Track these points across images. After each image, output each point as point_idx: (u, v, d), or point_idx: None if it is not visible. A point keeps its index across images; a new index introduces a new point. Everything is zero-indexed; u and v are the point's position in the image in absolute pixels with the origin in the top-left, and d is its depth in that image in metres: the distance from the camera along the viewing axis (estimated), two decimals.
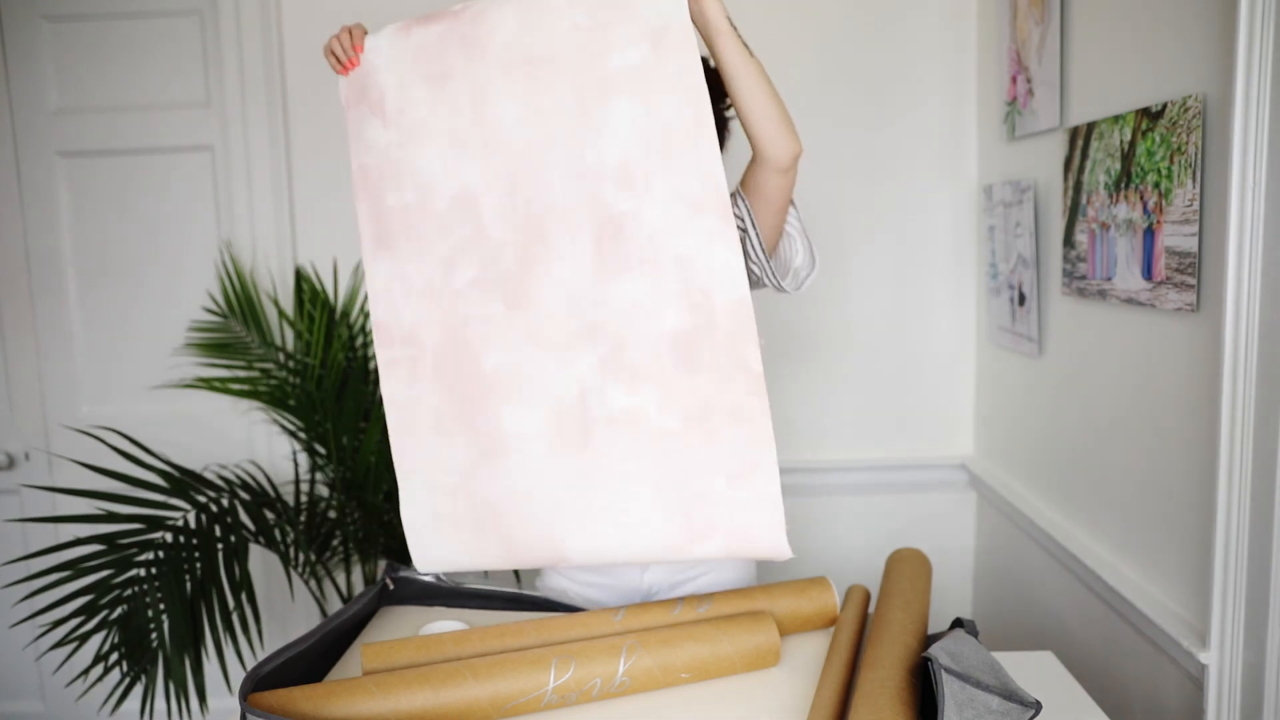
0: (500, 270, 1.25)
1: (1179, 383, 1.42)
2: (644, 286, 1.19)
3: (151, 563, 1.74)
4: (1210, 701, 1.33)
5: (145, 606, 1.69)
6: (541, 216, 1.22)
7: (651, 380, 1.20)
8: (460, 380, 1.29)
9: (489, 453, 1.28)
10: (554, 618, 1.28)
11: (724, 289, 1.17)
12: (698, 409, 1.19)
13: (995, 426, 2.22)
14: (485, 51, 1.23)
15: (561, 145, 1.21)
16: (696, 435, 1.20)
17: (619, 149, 1.18)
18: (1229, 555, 1.28)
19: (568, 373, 1.24)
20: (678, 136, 1.16)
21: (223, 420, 2.38)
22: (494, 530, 1.30)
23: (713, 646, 1.19)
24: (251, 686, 1.08)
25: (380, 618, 1.43)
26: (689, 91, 1.15)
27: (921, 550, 1.60)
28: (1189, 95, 1.34)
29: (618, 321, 1.21)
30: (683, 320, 1.19)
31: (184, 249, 2.36)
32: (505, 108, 1.23)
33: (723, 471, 1.20)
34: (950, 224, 2.27)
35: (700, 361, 1.19)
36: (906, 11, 2.20)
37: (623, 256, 1.19)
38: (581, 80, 1.19)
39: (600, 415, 1.23)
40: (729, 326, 1.18)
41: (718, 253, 1.16)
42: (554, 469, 1.26)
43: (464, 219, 1.26)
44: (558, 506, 1.26)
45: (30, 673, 2.51)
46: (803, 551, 2.36)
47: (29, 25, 2.30)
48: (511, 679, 1.11)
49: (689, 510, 1.22)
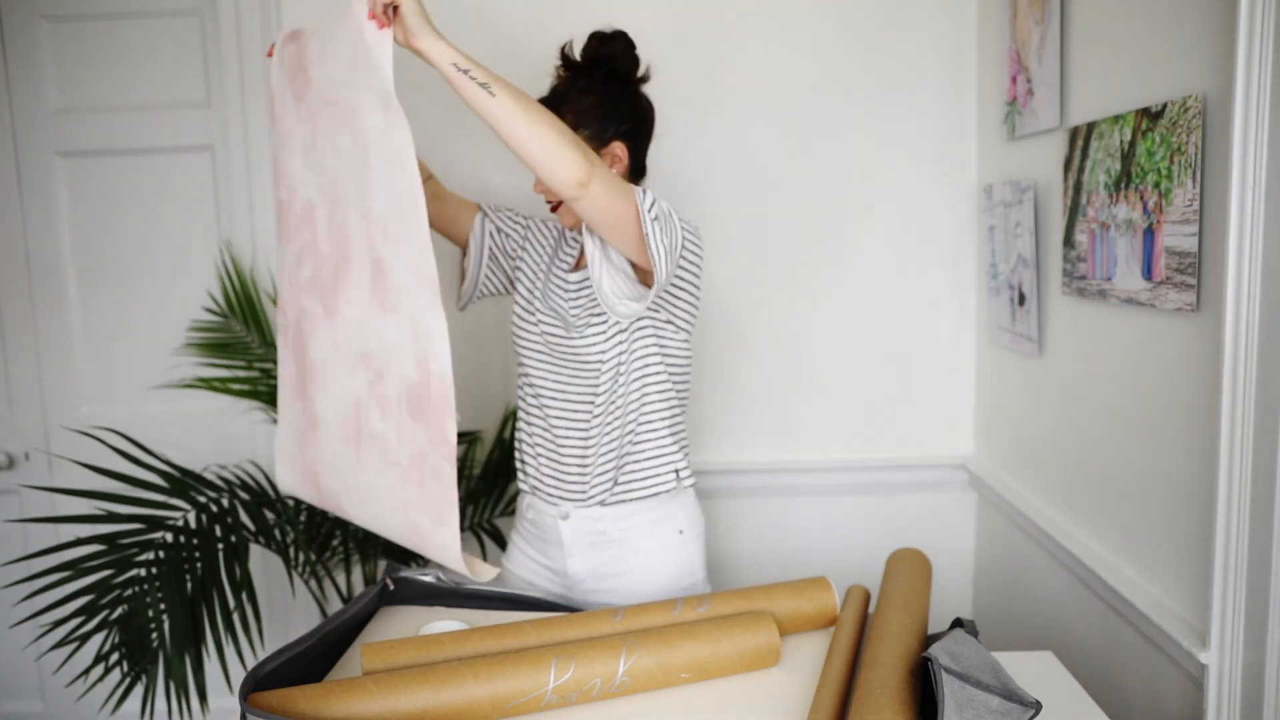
0: (322, 279, 1.40)
1: (1179, 383, 1.42)
2: (395, 332, 1.29)
3: (152, 562, 1.74)
4: (1210, 701, 1.33)
5: (146, 606, 1.69)
6: (347, 242, 1.33)
7: (393, 416, 1.32)
8: (299, 360, 1.48)
9: (312, 423, 1.48)
10: (554, 618, 1.29)
11: (435, 358, 1.25)
12: (418, 454, 1.29)
13: (995, 426, 2.22)
14: (310, 81, 1.32)
15: (353, 183, 1.29)
16: (414, 475, 1.30)
17: (380, 201, 1.26)
18: (1229, 555, 1.28)
19: (352, 383, 1.38)
20: (404, 206, 1.22)
21: (223, 420, 2.38)
22: (313, 482, 1.52)
23: (713, 646, 1.19)
24: (252, 686, 1.08)
25: (380, 618, 1.43)
26: (403, 169, 1.20)
27: (921, 550, 1.61)
28: (1189, 95, 1.34)
29: (381, 355, 1.32)
30: (412, 373, 1.28)
31: (184, 249, 2.36)
32: (327, 136, 1.31)
33: (427, 514, 1.30)
34: (950, 224, 2.27)
35: (422, 414, 1.28)
36: (906, 11, 2.20)
37: (386, 299, 1.29)
38: (355, 131, 1.26)
39: (365, 429, 1.37)
40: (437, 392, 1.25)
41: (433, 323, 1.23)
42: (341, 455, 1.43)
43: (307, 225, 1.40)
44: (342, 483, 1.45)
45: (30, 673, 2.51)
46: (803, 551, 2.36)
47: (29, 25, 2.30)
48: (511, 679, 1.11)
49: (411, 528, 1.34)
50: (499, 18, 2.19)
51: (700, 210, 2.25)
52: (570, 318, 1.52)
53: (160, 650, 1.70)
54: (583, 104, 1.49)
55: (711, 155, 2.25)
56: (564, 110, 1.48)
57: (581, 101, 1.49)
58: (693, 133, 2.23)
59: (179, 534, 1.79)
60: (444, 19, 1.41)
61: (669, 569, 1.57)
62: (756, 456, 2.34)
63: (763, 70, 2.22)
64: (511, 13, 2.19)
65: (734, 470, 2.32)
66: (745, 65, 2.22)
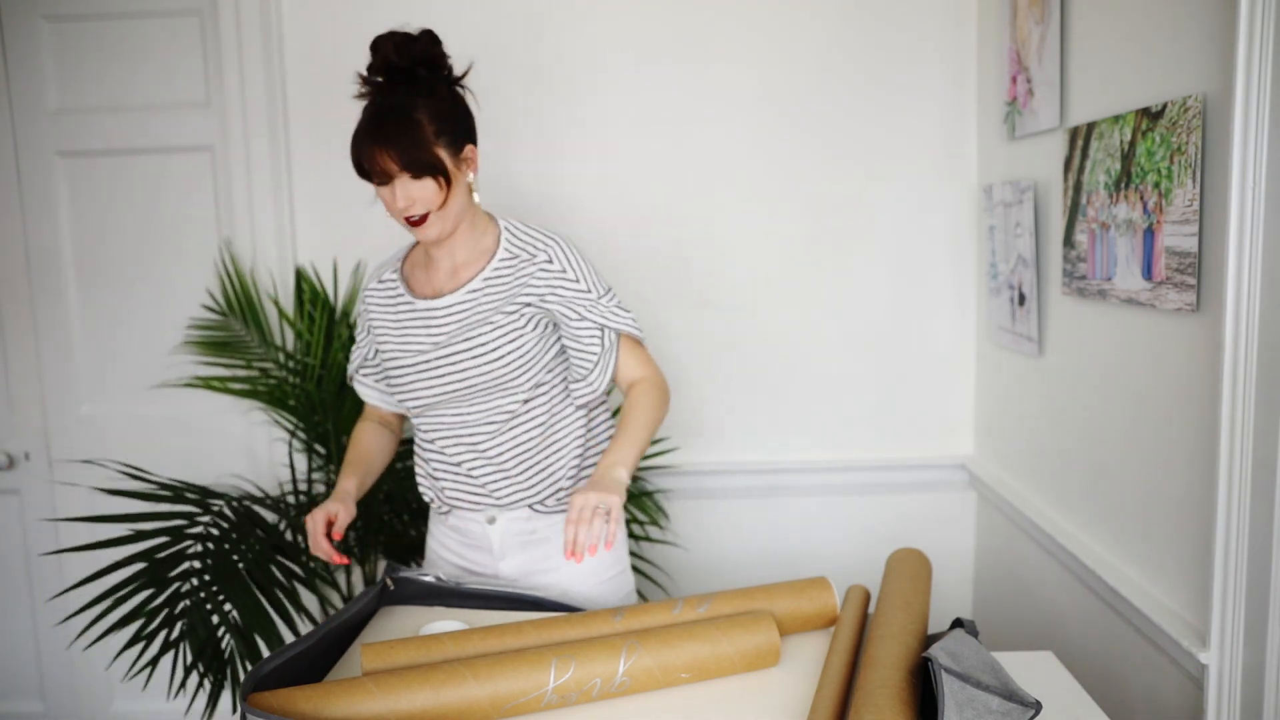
0: None
1: (1179, 383, 1.42)
2: None
3: (198, 571, 1.72)
4: (1210, 701, 1.33)
5: (207, 614, 1.68)
6: None
7: None
8: None
9: None
10: (554, 618, 1.28)
11: None
12: None
13: (995, 426, 2.22)
14: None
15: None
16: None
17: None
18: (1229, 555, 1.28)
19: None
20: None
21: (222, 420, 2.38)
22: None
23: (713, 646, 1.19)
24: (252, 687, 1.08)
25: (380, 618, 1.43)
26: None
27: (921, 550, 1.60)
28: (1189, 95, 1.34)
29: None
30: None
31: (184, 249, 2.36)
32: None
33: None
34: (950, 224, 2.27)
35: None
36: (906, 12, 2.20)
37: None
38: None
39: None
40: None
41: None
42: None
43: None
44: None
45: (31, 673, 2.51)
46: (803, 551, 2.36)
47: (29, 25, 2.30)
48: (511, 679, 1.11)
49: None
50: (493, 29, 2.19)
51: (699, 210, 2.25)
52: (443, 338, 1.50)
53: (234, 653, 1.69)
54: (434, 110, 1.41)
55: (711, 155, 2.25)
56: (416, 120, 1.39)
57: (430, 107, 1.40)
58: (691, 133, 2.23)
59: (214, 541, 1.77)
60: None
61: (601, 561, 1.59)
62: (755, 457, 2.34)
63: (763, 70, 2.22)
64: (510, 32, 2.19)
65: (733, 470, 2.32)
66: (745, 65, 2.22)
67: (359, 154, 1.39)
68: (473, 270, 1.50)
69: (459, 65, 1.50)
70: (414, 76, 1.42)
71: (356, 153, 1.40)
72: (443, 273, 1.53)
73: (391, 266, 1.59)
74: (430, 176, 1.39)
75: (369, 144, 1.38)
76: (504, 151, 2.23)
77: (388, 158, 1.37)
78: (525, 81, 2.23)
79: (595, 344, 1.50)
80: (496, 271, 1.48)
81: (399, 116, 1.38)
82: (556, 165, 2.26)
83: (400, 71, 1.42)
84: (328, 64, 2.24)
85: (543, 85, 2.24)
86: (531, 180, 2.26)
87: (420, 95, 1.41)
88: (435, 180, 1.40)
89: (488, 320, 1.47)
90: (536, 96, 2.24)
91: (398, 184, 1.39)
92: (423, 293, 1.54)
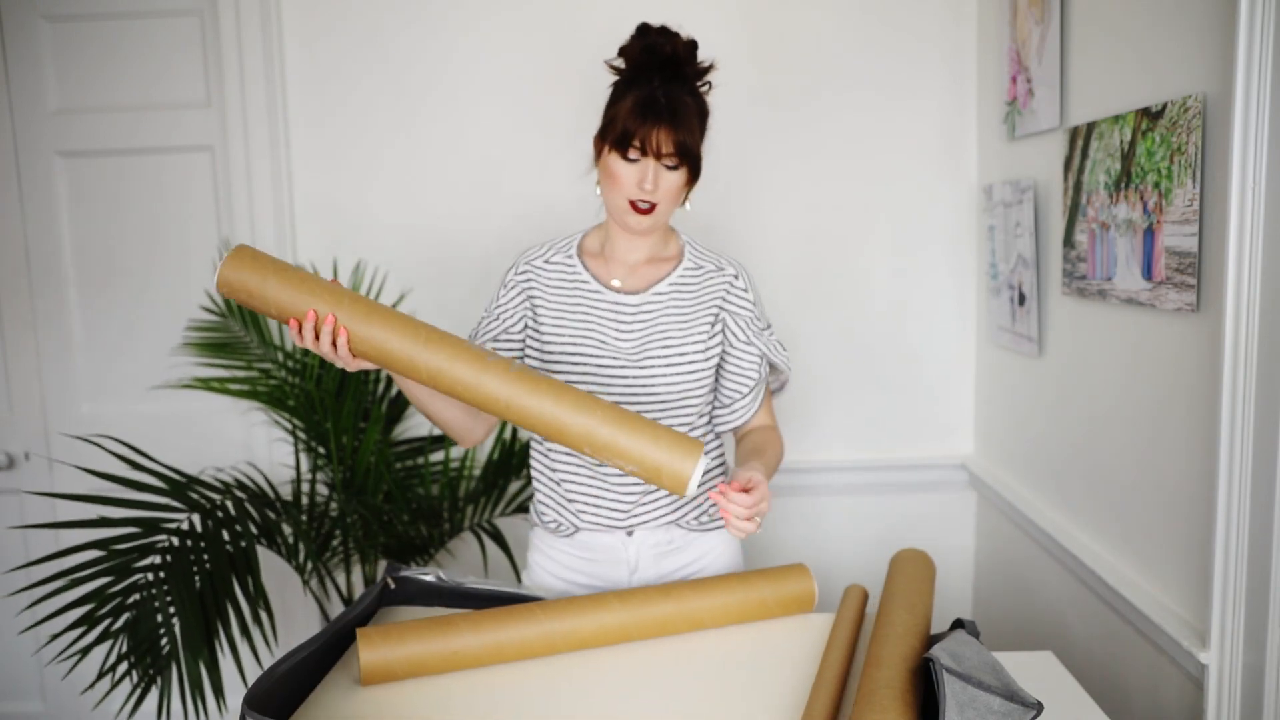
0: None
1: (1179, 383, 1.42)
2: None
3: (157, 566, 1.73)
4: (1210, 701, 1.33)
5: (154, 611, 1.68)
6: None
7: None
8: None
9: None
10: (561, 600, 1.32)
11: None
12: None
13: (995, 426, 2.22)
14: None
15: None
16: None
17: None
18: (1229, 555, 1.29)
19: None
20: None
21: (222, 420, 2.38)
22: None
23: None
24: (259, 701, 1.09)
25: (380, 617, 1.43)
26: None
27: (925, 551, 1.61)
28: (1189, 95, 1.34)
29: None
30: None
31: (184, 249, 2.36)
32: None
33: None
34: (950, 224, 2.27)
35: None
36: (906, 12, 2.20)
37: None
38: None
39: None
40: None
41: None
42: None
43: None
44: None
45: (31, 673, 2.51)
46: (803, 551, 2.36)
47: (29, 25, 2.30)
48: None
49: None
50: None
51: (699, 210, 2.25)
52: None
53: (173, 654, 1.69)
54: (701, 110, 1.42)
55: (710, 155, 2.24)
56: (696, 113, 1.40)
57: (699, 107, 1.42)
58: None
59: (184, 537, 1.78)
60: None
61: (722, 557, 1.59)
62: None
63: (762, 70, 2.22)
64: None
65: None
66: (744, 64, 2.22)
67: (641, 125, 1.35)
68: (656, 273, 1.48)
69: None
70: (682, 75, 1.42)
71: (637, 123, 1.36)
72: (620, 269, 1.49)
73: (564, 251, 1.52)
74: (687, 167, 1.39)
75: (655, 120, 1.36)
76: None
77: (669, 138, 1.36)
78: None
79: (754, 371, 1.49)
80: (682, 278, 1.48)
81: (686, 106, 1.39)
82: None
83: (673, 66, 1.41)
84: (328, 64, 2.24)
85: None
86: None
87: (693, 94, 1.42)
88: (688, 172, 1.40)
89: (683, 329, 1.45)
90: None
91: (653, 166, 1.37)
92: (605, 282, 1.49)
